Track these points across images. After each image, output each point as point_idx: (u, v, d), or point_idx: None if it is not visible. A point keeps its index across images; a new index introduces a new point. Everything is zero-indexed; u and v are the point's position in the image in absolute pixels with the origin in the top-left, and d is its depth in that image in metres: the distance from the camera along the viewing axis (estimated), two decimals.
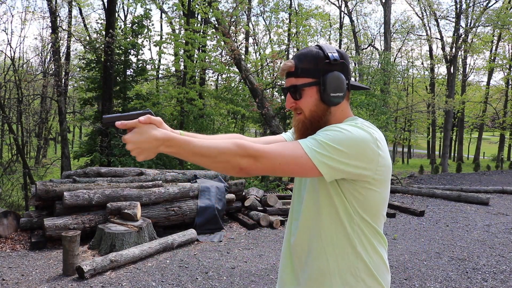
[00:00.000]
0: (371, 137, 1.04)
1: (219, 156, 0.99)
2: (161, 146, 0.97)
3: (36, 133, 18.96)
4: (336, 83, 1.11)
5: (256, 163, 1.01)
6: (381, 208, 1.14)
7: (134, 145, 0.97)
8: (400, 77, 19.57)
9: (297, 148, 1.03)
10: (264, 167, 1.02)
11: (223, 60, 12.04)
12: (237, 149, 1.00)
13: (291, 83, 1.15)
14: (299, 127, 1.18)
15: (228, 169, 1.02)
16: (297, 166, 1.02)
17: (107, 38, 9.20)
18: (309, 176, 1.05)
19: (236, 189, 6.23)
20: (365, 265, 1.12)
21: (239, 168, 1.01)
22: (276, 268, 4.09)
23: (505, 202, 8.15)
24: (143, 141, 0.96)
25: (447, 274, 4.02)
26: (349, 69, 1.17)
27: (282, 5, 17.96)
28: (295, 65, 1.14)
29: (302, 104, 1.15)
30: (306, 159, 1.01)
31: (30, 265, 4.05)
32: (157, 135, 0.97)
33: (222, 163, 1.00)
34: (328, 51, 1.13)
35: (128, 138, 0.97)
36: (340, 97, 1.13)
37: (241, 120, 16.84)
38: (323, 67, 1.12)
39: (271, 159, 1.01)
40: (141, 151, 0.98)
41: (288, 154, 1.02)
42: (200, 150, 0.99)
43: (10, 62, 14.03)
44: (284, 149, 1.03)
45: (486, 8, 16.81)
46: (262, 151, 1.01)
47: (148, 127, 0.98)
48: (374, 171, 1.06)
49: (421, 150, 36.32)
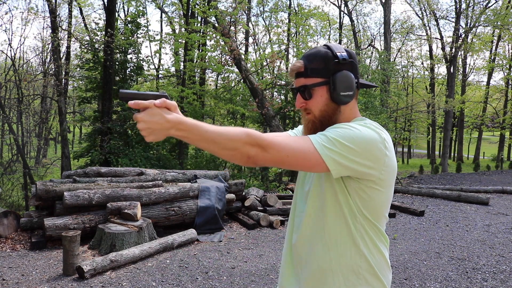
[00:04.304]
0: (380, 137, 1.05)
1: (229, 143, 0.99)
2: (171, 129, 0.97)
3: (36, 133, 18.97)
4: (346, 82, 1.12)
5: (264, 153, 1.01)
6: (385, 208, 1.14)
7: (145, 125, 0.96)
8: (400, 76, 19.58)
9: (307, 142, 1.04)
10: (272, 158, 1.02)
11: (223, 60, 12.03)
12: (246, 138, 1.00)
13: (301, 83, 1.16)
14: (309, 127, 1.19)
15: (236, 157, 1.01)
16: (305, 159, 1.03)
17: (106, 37, 9.20)
18: (316, 171, 1.05)
19: (236, 189, 6.23)
20: (368, 263, 1.12)
21: (247, 157, 1.01)
22: (276, 268, 4.09)
23: (505, 202, 8.15)
24: (155, 122, 0.96)
25: (447, 274, 4.02)
26: (357, 68, 1.18)
27: (281, 5, 17.98)
28: (305, 66, 1.15)
29: (312, 104, 1.16)
30: (315, 154, 1.02)
31: (30, 265, 4.05)
32: (168, 118, 0.96)
33: (231, 151, 1.00)
34: (336, 50, 1.13)
35: (140, 117, 0.96)
36: (350, 96, 1.14)
37: (241, 120, 16.85)
38: (332, 67, 1.13)
39: (279, 150, 1.02)
40: (151, 131, 0.97)
41: (297, 147, 1.02)
42: (210, 136, 0.98)
43: (11, 62, 14.03)
44: (294, 142, 1.04)
45: (486, 8, 16.81)
46: (272, 142, 1.01)
47: (162, 109, 0.97)
48: (380, 171, 1.06)
49: (421, 150, 36.34)
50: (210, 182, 5.99)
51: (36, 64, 20.86)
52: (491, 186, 10.26)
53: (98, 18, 25.27)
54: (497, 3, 17.59)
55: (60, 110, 10.95)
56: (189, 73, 12.57)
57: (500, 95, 24.62)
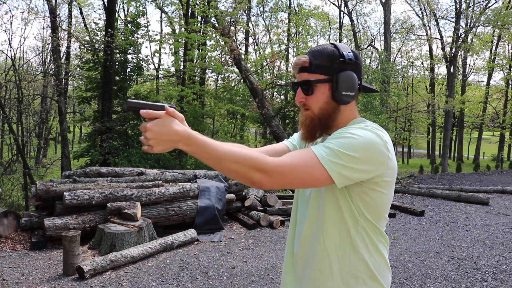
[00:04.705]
0: (381, 140, 1.05)
1: (234, 166, 0.99)
2: (180, 142, 0.97)
3: (36, 133, 18.97)
4: (349, 82, 1.12)
5: (269, 179, 1.00)
6: (386, 209, 1.14)
7: (153, 135, 0.95)
8: (400, 76, 19.57)
9: (311, 158, 1.02)
10: (278, 183, 1.01)
11: (223, 59, 12.04)
12: (251, 162, 0.99)
13: (304, 78, 1.15)
14: (306, 123, 1.18)
15: (241, 180, 1.01)
16: (312, 179, 1.02)
17: (106, 37, 9.20)
18: (321, 185, 1.05)
19: (236, 189, 6.23)
20: (367, 266, 1.12)
21: (251, 182, 1.00)
22: (276, 268, 4.09)
23: (505, 202, 8.15)
24: (164, 133, 0.95)
25: (447, 274, 4.02)
26: (361, 70, 1.18)
27: (281, 5, 17.98)
28: (310, 61, 1.14)
29: (312, 100, 1.16)
30: (321, 171, 1.01)
31: (30, 265, 4.05)
32: (178, 131, 0.96)
33: (236, 173, 1.00)
34: (343, 50, 1.13)
35: (150, 126, 0.95)
36: (351, 96, 1.13)
37: (241, 119, 16.85)
38: (337, 66, 1.12)
39: (285, 175, 1.01)
40: (159, 142, 0.96)
41: (302, 168, 1.01)
42: (217, 155, 0.98)
43: (11, 62, 14.04)
44: (298, 162, 1.02)
45: (486, 8, 16.81)
46: (276, 166, 1.00)
47: (171, 120, 0.97)
48: (383, 173, 1.06)
49: (421, 150, 36.33)
50: (210, 182, 5.99)
51: (36, 64, 20.88)
52: (491, 186, 10.26)
53: (98, 18, 25.27)
54: (497, 3, 17.61)
55: (60, 110, 10.95)
56: (189, 73, 12.57)
57: (500, 95, 24.64)
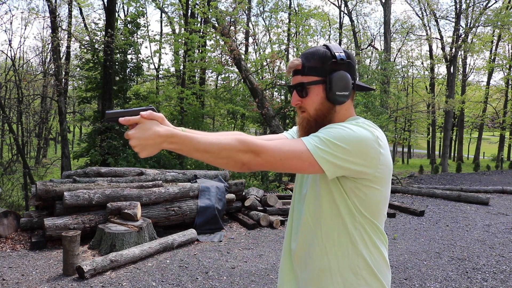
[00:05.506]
0: (372, 136, 1.06)
1: (222, 152, 1.00)
2: (164, 142, 0.98)
3: (36, 133, 18.96)
4: (342, 82, 1.13)
5: (257, 158, 1.02)
6: (383, 206, 1.14)
7: (137, 141, 0.97)
8: (400, 76, 19.57)
9: (299, 144, 1.04)
10: (266, 162, 1.03)
11: (223, 60, 12.04)
12: (239, 145, 1.01)
13: (298, 81, 1.17)
14: (303, 125, 1.19)
15: (230, 165, 1.03)
16: (299, 161, 1.03)
17: (106, 37, 9.20)
18: (310, 172, 1.06)
19: (236, 189, 6.23)
20: (366, 262, 1.12)
21: (241, 164, 1.02)
22: (276, 268, 4.09)
23: (505, 202, 8.16)
24: (147, 138, 0.97)
25: (447, 274, 4.02)
26: (355, 69, 1.18)
27: (281, 5, 17.98)
28: (302, 64, 1.16)
29: (307, 102, 1.17)
30: (308, 155, 1.03)
31: (30, 265, 4.05)
32: (160, 132, 0.97)
33: (224, 159, 1.01)
34: (335, 50, 1.14)
35: (132, 134, 0.97)
36: (345, 96, 1.14)
37: (241, 119, 16.85)
38: (329, 67, 1.13)
39: (272, 155, 1.03)
40: (144, 147, 0.98)
41: (290, 150, 1.03)
42: (202, 147, 0.99)
43: (11, 62, 14.04)
44: (286, 145, 1.04)
45: (486, 8, 16.81)
46: (264, 146, 1.02)
47: (152, 123, 0.98)
48: (375, 169, 1.07)
49: (421, 150, 36.34)
50: (210, 182, 5.99)
51: (36, 64, 20.86)
52: (491, 186, 10.26)
53: (98, 18, 25.30)
54: (497, 3, 17.62)
55: (60, 110, 10.95)
56: (189, 73, 12.57)
57: (500, 95, 24.64)
